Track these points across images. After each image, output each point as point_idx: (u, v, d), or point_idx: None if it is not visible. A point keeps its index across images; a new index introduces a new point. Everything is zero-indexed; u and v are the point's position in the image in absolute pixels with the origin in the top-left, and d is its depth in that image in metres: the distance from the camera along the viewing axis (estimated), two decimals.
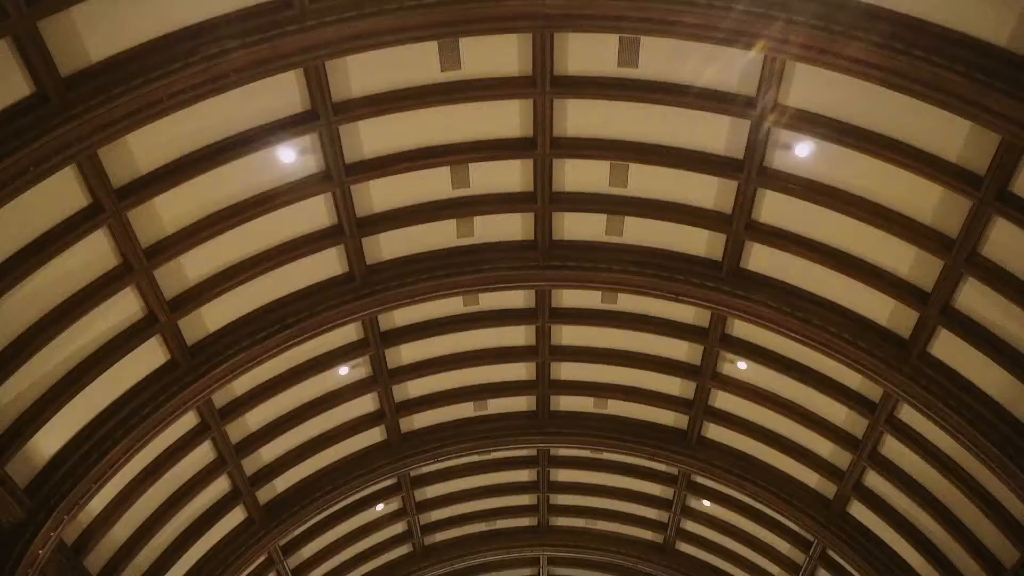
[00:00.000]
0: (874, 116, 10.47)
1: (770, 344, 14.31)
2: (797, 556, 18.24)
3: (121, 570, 14.62)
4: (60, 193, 10.19)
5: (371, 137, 11.76)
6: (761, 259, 13.00)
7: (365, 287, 13.38)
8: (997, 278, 10.97)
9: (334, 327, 13.65)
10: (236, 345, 13.18)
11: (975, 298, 11.48)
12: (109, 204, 10.55)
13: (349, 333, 14.53)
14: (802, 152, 11.31)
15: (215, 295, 12.49)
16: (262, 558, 17.45)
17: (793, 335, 13.17)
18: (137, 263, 11.39)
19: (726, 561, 19.78)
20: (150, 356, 12.70)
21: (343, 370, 15.13)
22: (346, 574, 20.04)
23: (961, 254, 11.06)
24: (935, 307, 11.80)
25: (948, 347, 12.16)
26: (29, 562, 11.89)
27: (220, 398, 14.32)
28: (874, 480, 15.24)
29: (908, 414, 13.63)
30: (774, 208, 12.27)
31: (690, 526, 19.56)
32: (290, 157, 11.49)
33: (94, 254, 11.06)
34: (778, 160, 11.62)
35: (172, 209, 11.33)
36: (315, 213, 12.43)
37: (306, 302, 13.29)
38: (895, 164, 10.68)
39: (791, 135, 11.16)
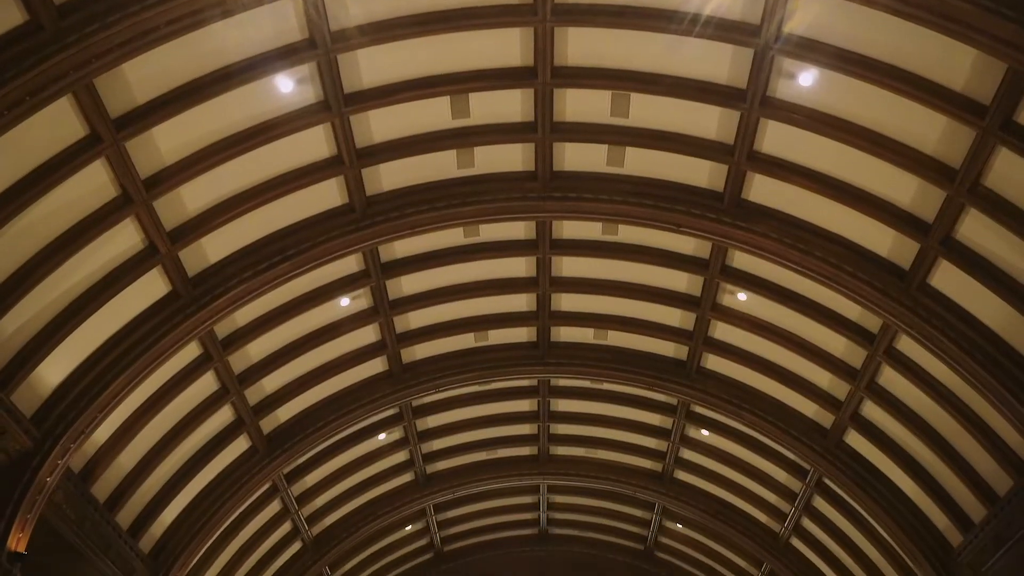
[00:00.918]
0: (879, 45, 10.33)
1: (770, 275, 14.33)
2: (794, 484, 18.51)
3: (128, 497, 14.87)
4: (57, 124, 10.12)
5: (370, 66, 11.62)
6: (762, 190, 12.95)
7: (365, 218, 13.36)
8: (999, 209, 10.94)
9: (334, 258, 13.65)
10: (237, 276, 13.21)
11: (976, 229, 11.46)
12: (107, 135, 10.49)
13: (350, 264, 14.54)
14: (805, 81, 11.19)
15: (215, 226, 12.48)
16: (266, 486, 17.71)
17: (793, 266, 13.18)
18: (136, 194, 11.37)
19: (724, 489, 20.08)
20: (151, 287, 12.75)
21: (344, 301, 15.18)
22: (349, 501, 20.38)
23: (964, 185, 11.01)
24: (936, 238, 11.79)
25: (948, 278, 12.18)
26: (37, 489, 12.09)
27: (222, 329, 14.40)
28: (871, 410, 15.39)
29: (906, 345, 13.71)
30: (776, 139, 12.18)
31: (688, 455, 19.80)
32: (288, 87, 11.38)
33: (93, 185, 11.03)
34: (781, 90, 11.50)
35: (170, 140, 11.27)
36: (314, 144, 12.35)
37: (306, 233, 13.28)
38: (899, 93, 10.58)
39: (795, 64, 11.03)
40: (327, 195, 13.12)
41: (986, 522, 14.18)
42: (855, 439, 16.10)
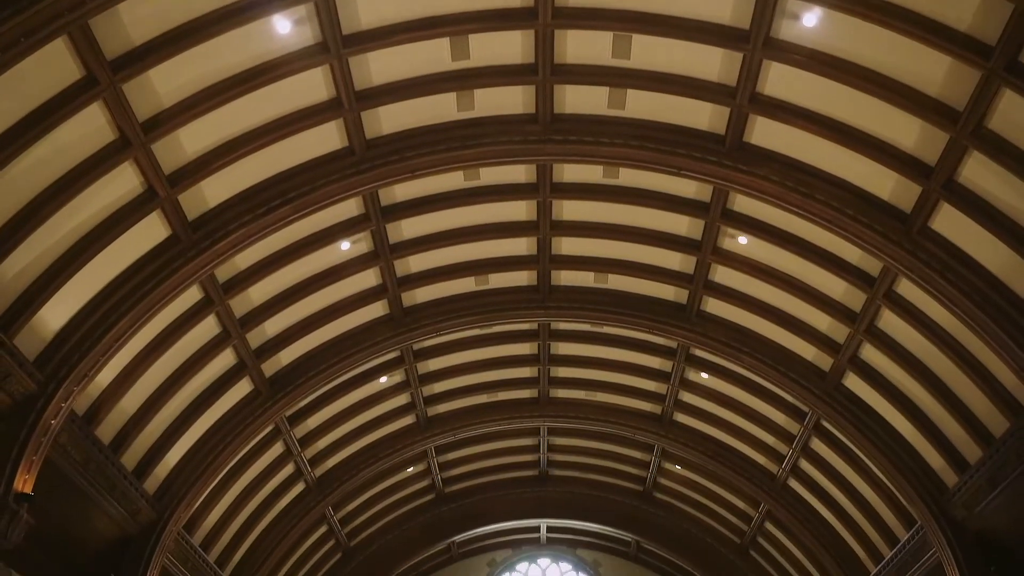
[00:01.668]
0: None
1: (771, 219, 14.30)
2: (792, 427, 18.67)
3: (132, 439, 15.02)
4: (54, 66, 10.05)
5: (368, 7, 11.48)
6: (764, 133, 12.87)
7: (365, 161, 13.29)
8: (1003, 152, 10.89)
9: (334, 202, 13.62)
10: (237, 220, 13.19)
11: (979, 172, 11.42)
12: (104, 77, 10.41)
13: (350, 208, 14.51)
14: (809, 22, 11.06)
15: (214, 170, 12.43)
16: (269, 428, 17.88)
17: (795, 210, 13.14)
18: (134, 137, 11.31)
19: (722, 431, 20.26)
20: (152, 231, 12.74)
21: (344, 245, 15.18)
22: (351, 444, 20.58)
23: (967, 127, 10.95)
24: (938, 181, 11.76)
25: (949, 222, 12.16)
26: (42, 432, 12.21)
27: (223, 272, 14.42)
28: (870, 353, 15.47)
29: (906, 288, 13.74)
30: (779, 80, 12.07)
31: (688, 398, 19.95)
32: (286, 28, 11.26)
33: (91, 128, 10.97)
34: (784, 30, 11.37)
35: (168, 82, 11.18)
36: (313, 86, 12.25)
37: (306, 176, 13.23)
38: (904, 34, 10.47)
39: (799, 4, 10.90)
40: (327, 138, 13.04)
41: (981, 463, 14.34)
42: (853, 382, 16.21)
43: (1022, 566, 14.91)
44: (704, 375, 18.81)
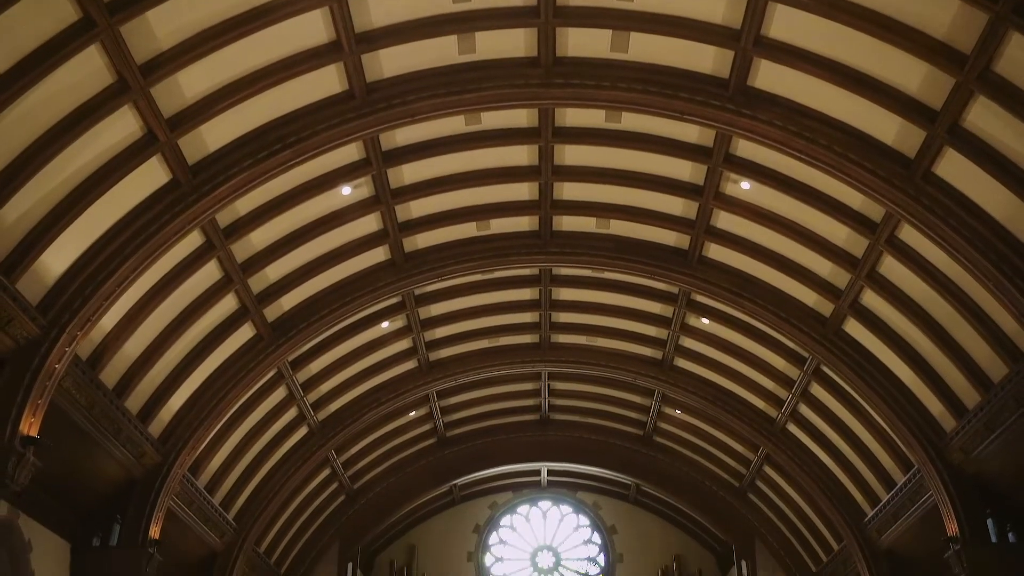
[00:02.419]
0: None
1: (774, 164, 14.22)
2: (791, 372, 18.78)
3: (136, 383, 15.13)
4: (49, 8, 9.90)
5: None
6: (768, 77, 12.73)
7: (365, 105, 13.18)
8: (1009, 96, 10.78)
9: (335, 147, 13.54)
10: (237, 165, 13.12)
11: (985, 117, 11.32)
12: (100, 19, 10.27)
13: (350, 152, 14.43)
14: None
15: (214, 114, 12.33)
16: (271, 373, 17.99)
17: (798, 155, 13.05)
18: (133, 81, 11.20)
19: (723, 376, 20.38)
20: (152, 176, 12.69)
21: (345, 190, 15.13)
22: (353, 388, 20.72)
23: (973, 71, 10.82)
24: (943, 126, 11.66)
25: (953, 167, 12.09)
26: (47, 376, 12.30)
27: (224, 218, 14.40)
28: (871, 299, 15.50)
29: (908, 234, 13.71)
30: (784, 23, 11.89)
31: (688, 343, 20.02)
32: None
33: (88, 72, 10.85)
34: None
35: (166, 24, 11.03)
36: (313, 29, 12.09)
37: (306, 121, 13.13)
38: None
39: None
40: (327, 82, 12.92)
41: (979, 408, 14.44)
42: (854, 327, 16.27)
43: (1018, 509, 15.11)
44: (705, 320, 18.86)
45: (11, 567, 14.41)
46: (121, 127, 11.73)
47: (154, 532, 16.12)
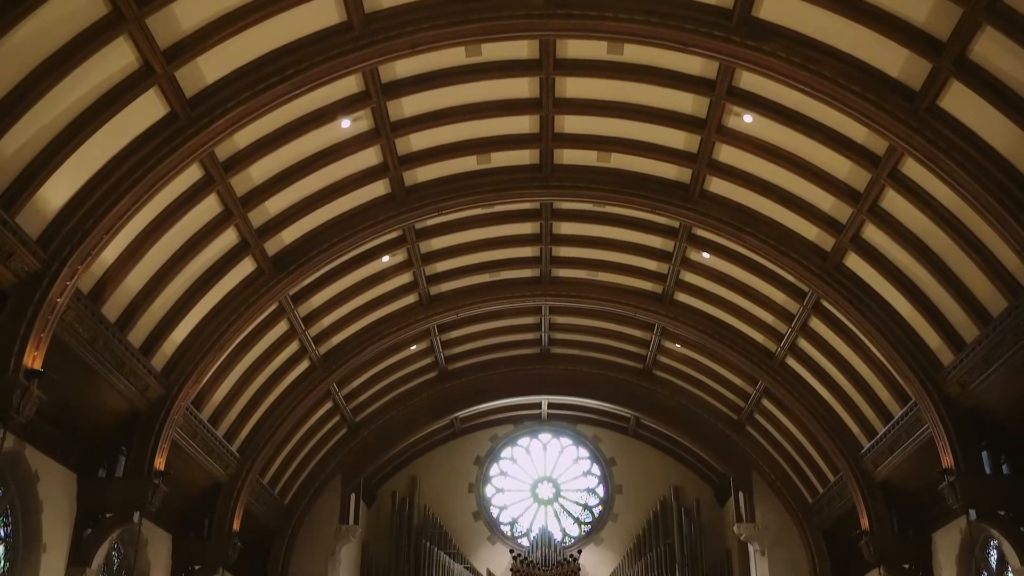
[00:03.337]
0: None
1: (777, 97, 14.07)
2: (791, 306, 18.83)
3: (138, 317, 15.19)
4: None
5: None
6: (773, 7, 12.50)
7: (364, 37, 12.98)
8: (1018, 28, 10.62)
9: (334, 79, 13.38)
10: (235, 97, 12.97)
11: (992, 49, 11.17)
12: None
13: (350, 85, 14.27)
14: None
15: (211, 45, 12.15)
16: (273, 307, 18.04)
17: (802, 87, 12.90)
18: (128, 11, 11.02)
19: (722, 311, 20.44)
20: (150, 109, 12.57)
21: (345, 123, 15.00)
22: (355, 322, 20.80)
23: (982, 1, 10.66)
24: (949, 58, 11.51)
25: (959, 100, 11.96)
26: (48, 309, 12.34)
27: (223, 151, 14.30)
28: (872, 233, 15.47)
29: (911, 168, 13.64)
30: None
31: (689, 277, 20.04)
32: None
33: (82, 2, 10.69)
34: None
35: None
36: None
37: (304, 52, 12.94)
38: None
39: None
40: (325, 12, 12.70)
41: (977, 342, 14.52)
42: (854, 261, 16.27)
43: (1014, 443, 15.27)
44: (705, 255, 18.85)
45: (19, 497, 14.65)
46: (117, 59, 11.58)
47: (159, 463, 16.34)
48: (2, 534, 14.50)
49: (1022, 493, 15.03)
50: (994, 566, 17.31)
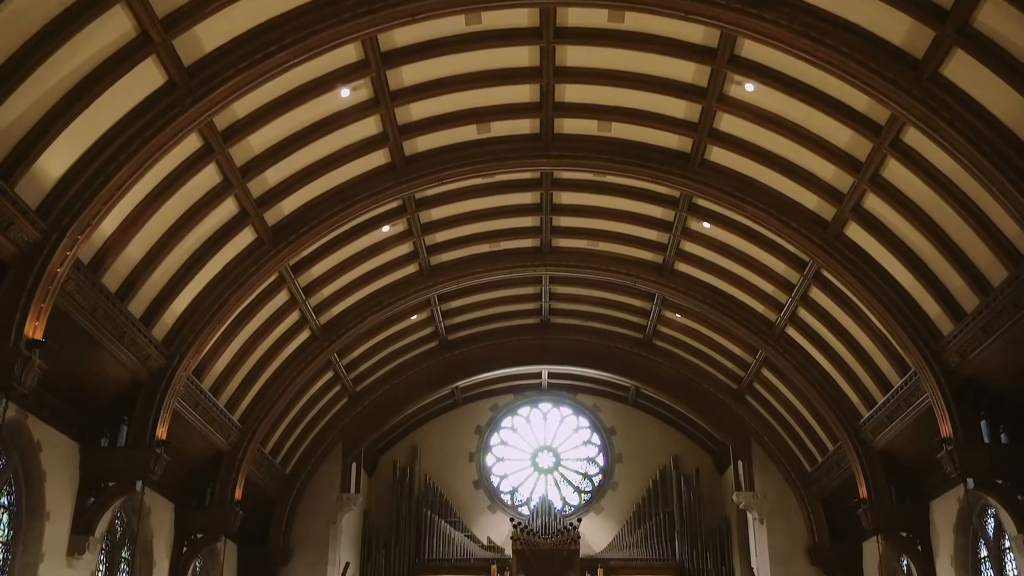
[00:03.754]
0: None
1: (779, 65, 13.98)
2: (791, 276, 18.82)
3: (138, 287, 15.19)
4: None
5: None
6: None
7: (363, 5, 12.85)
8: None
9: (332, 47, 13.28)
10: (234, 67, 12.88)
11: (995, 17, 11.07)
12: None
13: (349, 53, 14.17)
14: None
15: (208, 13, 12.05)
16: (273, 277, 18.04)
17: (804, 56, 12.81)
18: None
19: (723, 280, 20.44)
20: (148, 78, 12.48)
21: (344, 92, 14.91)
22: (355, 292, 20.82)
23: None
24: (952, 26, 11.42)
25: (962, 69, 11.87)
26: (49, 279, 12.33)
27: (222, 120, 14.24)
28: (873, 203, 15.43)
29: (913, 137, 13.58)
30: None
31: (689, 247, 20.02)
32: None
33: None
34: None
35: None
36: None
37: (303, 20, 12.82)
38: None
39: None
40: None
41: (977, 312, 14.52)
42: (855, 231, 16.24)
43: (1013, 412, 15.32)
44: (706, 224, 18.82)
45: (22, 466, 14.73)
46: (114, 27, 11.48)
47: (161, 433, 16.41)
48: (5, 503, 14.59)
49: (1020, 462, 15.11)
50: (991, 534, 17.44)
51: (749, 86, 14.66)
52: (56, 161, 12.13)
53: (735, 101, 15.22)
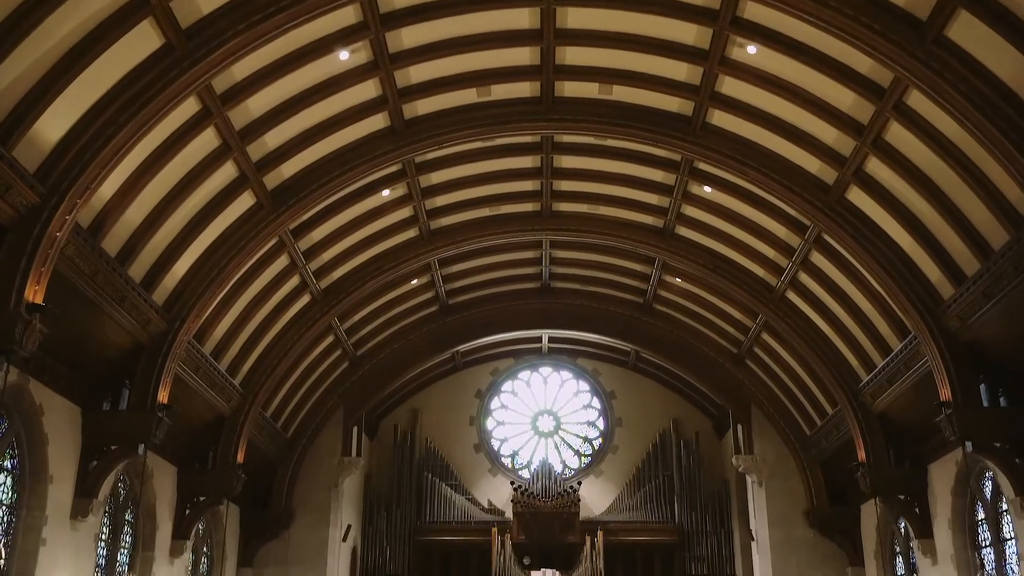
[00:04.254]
0: None
1: (782, 27, 13.84)
2: (793, 240, 18.79)
3: (138, 252, 15.17)
4: None
5: None
6: None
7: None
8: None
9: (331, 9, 13.15)
10: (231, 28, 12.76)
11: None
12: None
13: (347, 15, 14.03)
14: None
15: None
16: (273, 241, 18.01)
17: (807, 17, 12.69)
18: None
19: (723, 245, 20.40)
20: (145, 40, 12.37)
21: (343, 55, 14.79)
22: (355, 256, 20.79)
23: None
24: None
25: (966, 30, 11.76)
26: (48, 243, 12.30)
27: (220, 83, 14.13)
28: (875, 166, 15.37)
29: (916, 100, 13.48)
30: None
31: (690, 211, 19.96)
32: None
33: None
34: None
35: None
36: None
37: None
38: None
39: None
40: None
41: (978, 276, 14.51)
42: (856, 195, 16.19)
43: (1013, 375, 15.36)
44: (707, 188, 18.76)
45: (24, 430, 14.79)
46: None
47: (162, 396, 16.47)
48: (8, 466, 14.67)
49: (1018, 425, 15.19)
50: (988, 497, 17.56)
51: (751, 48, 14.54)
52: (54, 125, 12.06)
53: (737, 64, 15.10)
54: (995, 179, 13.19)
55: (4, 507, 14.48)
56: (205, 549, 22.36)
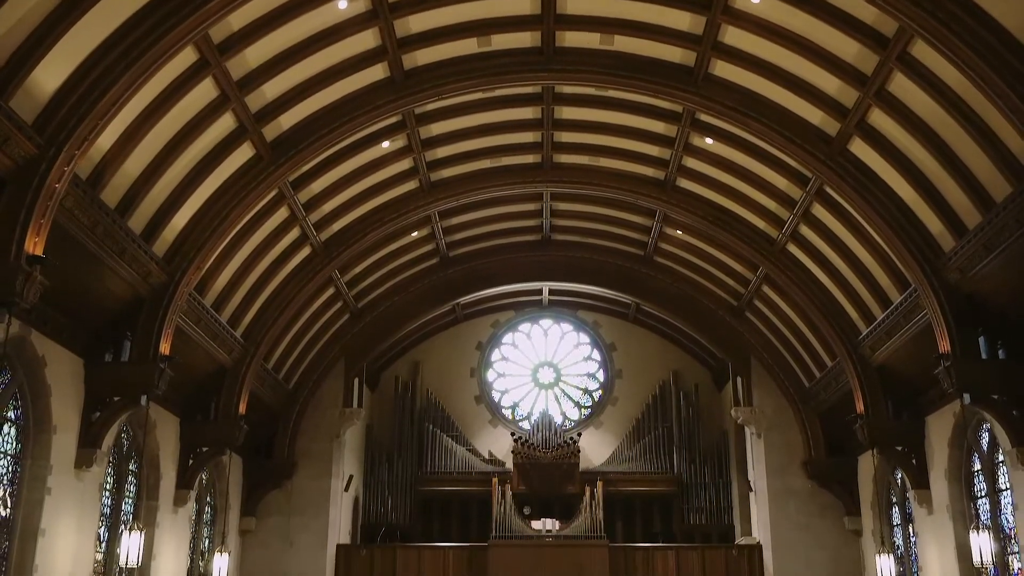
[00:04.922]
0: None
1: None
2: (794, 192, 18.73)
3: (138, 203, 15.13)
4: None
5: None
6: None
7: None
8: None
9: None
10: None
11: None
12: None
13: None
14: None
15: None
16: (273, 193, 17.95)
17: None
18: None
19: (724, 197, 20.33)
20: None
21: (342, 4, 14.63)
22: (355, 208, 20.73)
23: None
24: None
25: None
26: (47, 195, 12.27)
27: (218, 33, 13.99)
28: (878, 118, 15.26)
29: (920, 50, 13.36)
30: None
31: (691, 163, 19.87)
32: None
33: None
34: None
35: None
36: None
37: None
38: None
39: None
40: None
41: (980, 228, 14.49)
42: (859, 147, 16.10)
43: (1013, 328, 15.40)
44: (709, 140, 18.64)
45: (27, 381, 14.88)
46: None
47: (164, 348, 16.53)
48: (12, 417, 14.78)
49: (1016, 377, 15.27)
50: (985, 448, 17.70)
51: None
52: (50, 75, 11.97)
53: (740, 13, 14.92)
54: (999, 131, 13.11)
55: (9, 457, 14.62)
56: (209, 498, 22.62)
